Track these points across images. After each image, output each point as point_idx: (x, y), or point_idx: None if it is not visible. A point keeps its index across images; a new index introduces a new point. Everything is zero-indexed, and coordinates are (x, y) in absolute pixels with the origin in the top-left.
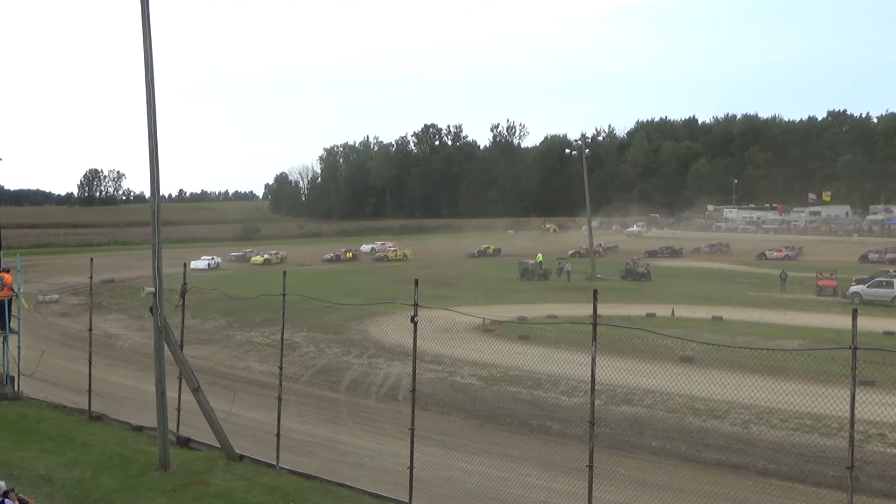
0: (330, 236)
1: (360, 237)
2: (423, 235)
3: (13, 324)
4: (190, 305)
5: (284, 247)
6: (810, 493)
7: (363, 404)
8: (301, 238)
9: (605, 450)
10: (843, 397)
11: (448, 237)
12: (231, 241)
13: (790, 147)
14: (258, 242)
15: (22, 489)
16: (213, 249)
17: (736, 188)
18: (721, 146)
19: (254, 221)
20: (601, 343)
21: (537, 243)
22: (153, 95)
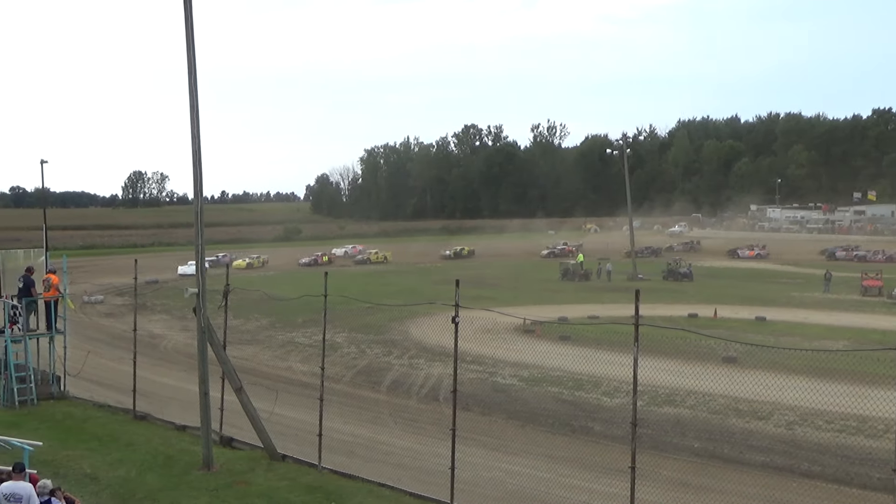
0: (371, 237)
1: (400, 238)
2: (464, 236)
3: (59, 324)
4: (232, 306)
5: (321, 248)
6: (856, 495)
7: (404, 405)
8: (342, 238)
9: (648, 451)
10: (890, 399)
11: (488, 237)
12: (273, 243)
13: (834, 145)
14: (299, 243)
15: (68, 488)
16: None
17: (779, 187)
18: (764, 145)
19: (295, 223)
20: (643, 344)
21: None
22: (196, 99)
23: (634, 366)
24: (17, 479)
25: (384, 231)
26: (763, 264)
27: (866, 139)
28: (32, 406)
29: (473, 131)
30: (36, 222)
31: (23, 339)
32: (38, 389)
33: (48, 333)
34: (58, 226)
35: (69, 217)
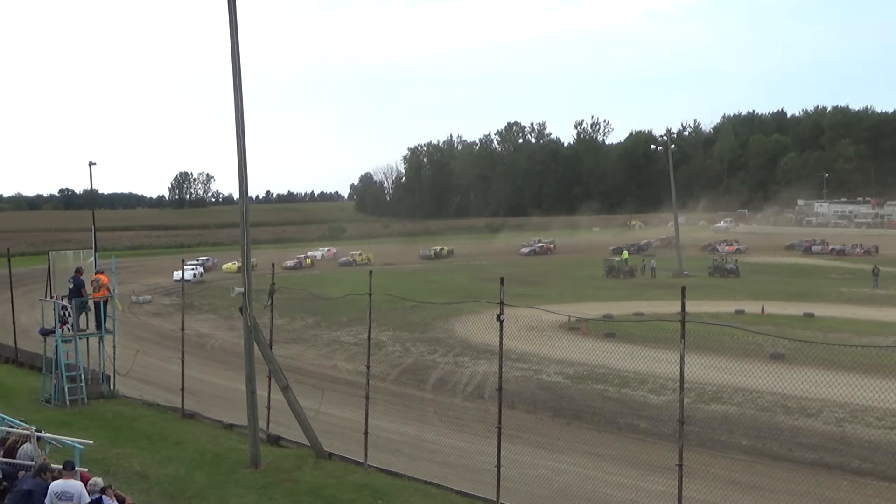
0: (415, 235)
1: (444, 236)
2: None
3: (109, 324)
4: (278, 305)
5: (365, 246)
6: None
7: (449, 403)
8: (386, 237)
9: (695, 448)
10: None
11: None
12: (317, 241)
13: (883, 139)
14: (343, 242)
15: (118, 486)
16: (302, 248)
17: (826, 182)
18: (811, 139)
19: (339, 222)
20: (689, 340)
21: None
22: (241, 100)
23: (681, 363)
24: (67, 478)
25: (427, 229)
26: (812, 259)
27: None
28: (83, 405)
29: (517, 129)
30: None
31: (73, 339)
32: (89, 389)
33: (98, 333)
34: (106, 227)
35: (117, 218)
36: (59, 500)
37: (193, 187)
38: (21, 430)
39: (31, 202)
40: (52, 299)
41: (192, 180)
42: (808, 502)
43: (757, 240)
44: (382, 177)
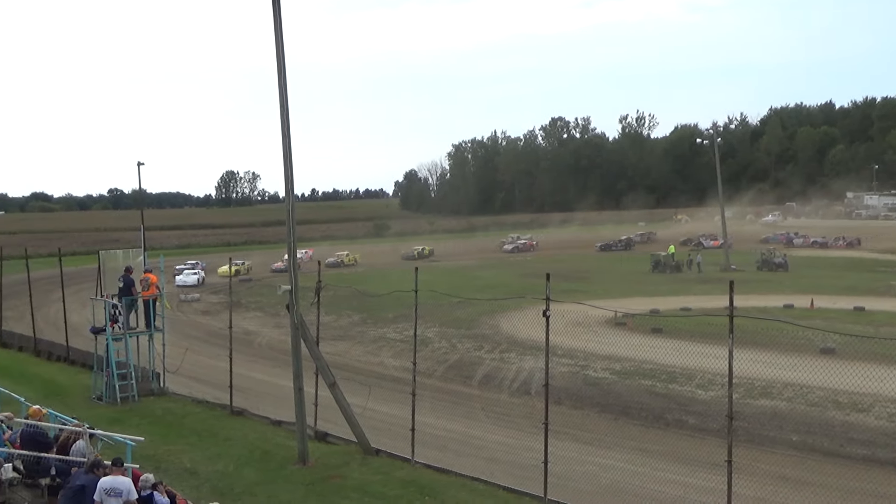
0: (459, 231)
1: (489, 232)
2: (551, 229)
3: (158, 322)
4: (324, 302)
5: (426, 242)
6: None
7: (496, 399)
8: (431, 234)
9: (744, 444)
10: None
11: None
12: (362, 239)
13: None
14: (388, 240)
15: (169, 482)
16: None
17: (876, 174)
18: (860, 131)
19: (384, 219)
20: (737, 335)
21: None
22: (286, 100)
23: (729, 358)
24: (116, 474)
25: (472, 226)
26: (860, 253)
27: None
28: (134, 402)
29: (561, 124)
30: (134, 223)
31: (123, 337)
32: (139, 386)
33: (148, 331)
34: (154, 226)
35: (165, 217)
36: (108, 497)
37: (240, 186)
38: (73, 428)
39: (82, 202)
40: (102, 298)
41: (239, 179)
42: (860, 499)
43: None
44: (427, 174)
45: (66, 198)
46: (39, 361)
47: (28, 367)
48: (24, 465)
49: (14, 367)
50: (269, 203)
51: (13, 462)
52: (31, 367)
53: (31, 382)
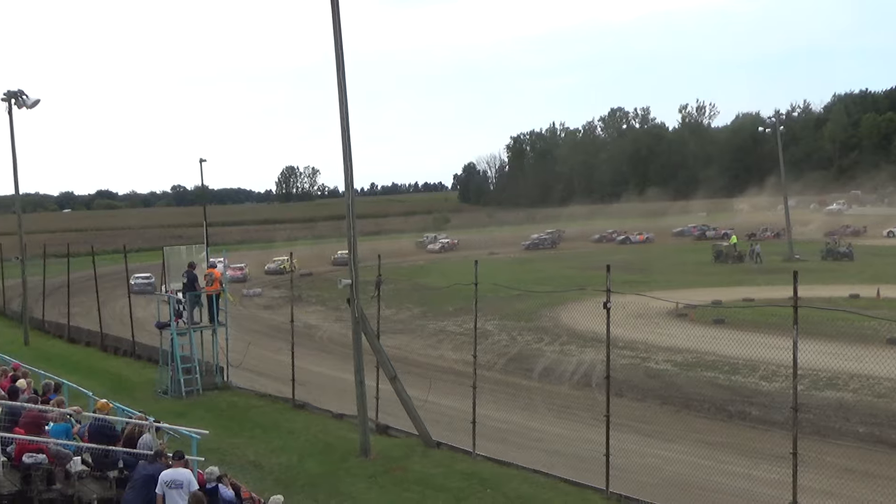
0: (518, 224)
1: (547, 224)
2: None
3: (221, 317)
4: (384, 296)
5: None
6: None
7: (556, 391)
8: (490, 226)
9: (809, 436)
10: None
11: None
12: (422, 232)
13: None
14: (450, 231)
15: (234, 474)
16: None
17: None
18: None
19: (443, 212)
20: (802, 326)
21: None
22: (345, 97)
23: (794, 348)
24: (177, 466)
25: (531, 217)
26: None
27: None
28: (198, 396)
29: (620, 114)
30: (196, 219)
31: (188, 331)
32: (203, 380)
33: (211, 326)
34: (217, 222)
35: (227, 213)
36: (169, 489)
37: (300, 181)
38: (140, 421)
39: (146, 200)
40: (166, 293)
41: (299, 174)
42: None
43: (868, 222)
44: (486, 166)
45: (130, 195)
46: (106, 356)
47: (95, 361)
48: (92, 458)
49: (82, 362)
50: (329, 198)
51: (82, 455)
52: (98, 361)
53: (98, 377)
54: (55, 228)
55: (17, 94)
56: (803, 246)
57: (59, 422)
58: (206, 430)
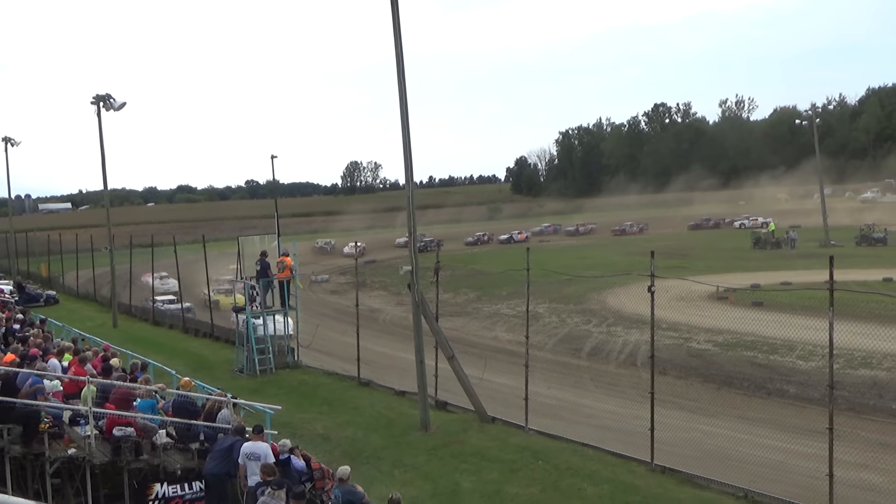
0: (568, 213)
1: (596, 213)
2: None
3: (292, 301)
4: (442, 281)
5: (521, 224)
6: None
7: (604, 370)
8: (541, 216)
9: (844, 412)
10: None
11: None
12: (476, 222)
13: None
14: (501, 222)
15: (304, 446)
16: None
17: None
18: None
19: (497, 203)
20: (837, 308)
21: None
22: (405, 96)
23: (830, 329)
24: (256, 440)
25: (579, 207)
26: None
27: None
28: (271, 374)
29: (663, 109)
30: (268, 211)
31: (261, 315)
32: (276, 360)
33: (283, 309)
34: (287, 213)
35: (296, 205)
36: (248, 460)
37: (363, 175)
38: (218, 398)
39: (222, 193)
40: (242, 280)
41: (362, 168)
42: None
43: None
44: (536, 159)
45: (208, 189)
46: (188, 338)
47: (178, 343)
48: (176, 431)
49: (166, 344)
50: (390, 190)
51: (167, 428)
52: (180, 343)
53: (180, 357)
54: (140, 221)
55: (105, 98)
56: (838, 232)
57: (146, 398)
58: (279, 405)
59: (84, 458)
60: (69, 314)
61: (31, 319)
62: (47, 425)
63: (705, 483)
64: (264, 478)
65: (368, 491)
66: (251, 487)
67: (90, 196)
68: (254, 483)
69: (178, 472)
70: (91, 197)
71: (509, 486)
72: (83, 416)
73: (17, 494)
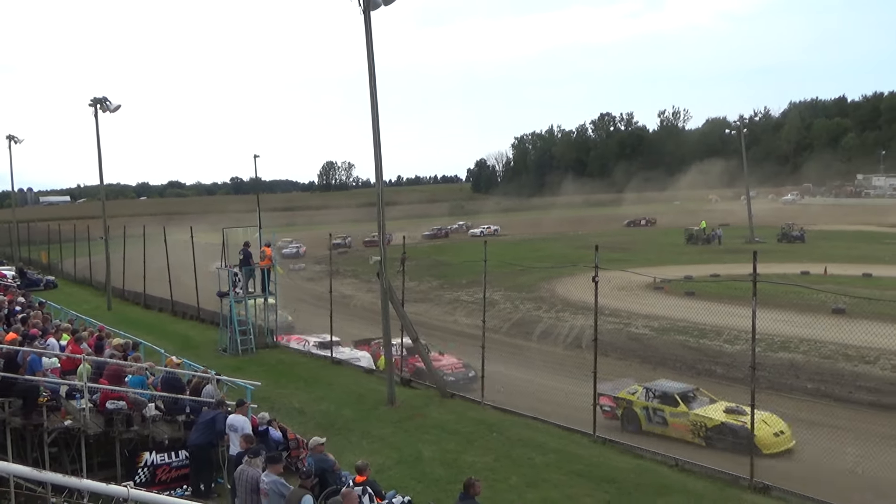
0: (523, 210)
1: (544, 211)
2: (602, 207)
3: (271, 287)
4: (408, 271)
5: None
6: None
7: (552, 351)
8: (498, 213)
9: (765, 391)
10: None
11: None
12: (440, 217)
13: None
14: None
15: (281, 419)
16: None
17: (883, 158)
18: (870, 121)
19: (458, 200)
20: (760, 298)
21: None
22: (376, 102)
23: (753, 317)
24: (237, 413)
25: (532, 206)
26: (870, 227)
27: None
28: (252, 354)
29: (608, 118)
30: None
31: (244, 299)
32: (257, 340)
33: (263, 295)
34: (267, 208)
35: (276, 201)
36: (230, 431)
37: (338, 173)
38: (203, 374)
39: (209, 189)
40: (226, 267)
41: (337, 168)
42: (867, 438)
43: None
44: (494, 162)
45: (196, 185)
46: (176, 320)
47: (167, 324)
48: (164, 404)
49: (156, 325)
50: (363, 188)
51: (155, 402)
52: (169, 324)
53: (169, 337)
54: (133, 213)
55: (102, 101)
56: (762, 230)
57: (137, 374)
58: (259, 381)
59: (79, 429)
60: (67, 298)
61: (31, 302)
62: (46, 399)
63: (641, 452)
64: (245, 447)
65: (339, 459)
66: (232, 455)
67: (87, 190)
68: (234, 452)
69: (165, 442)
70: (88, 191)
71: (466, 455)
72: (79, 391)
73: (17, 462)
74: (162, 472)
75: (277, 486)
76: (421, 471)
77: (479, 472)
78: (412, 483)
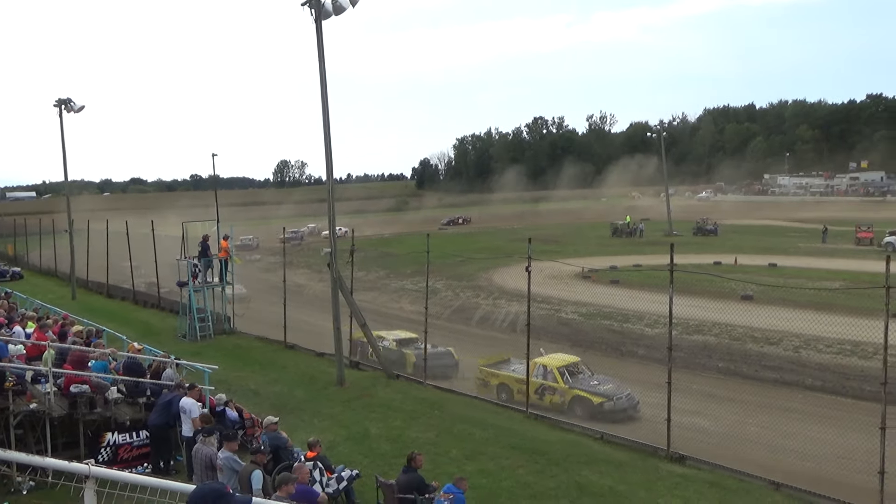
0: (463, 206)
1: (484, 206)
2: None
3: (229, 277)
4: (357, 262)
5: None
6: (850, 404)
7: (490, 336)
8: (440, 208)
9: (681, 370)
10: (878, 327)
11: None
12: (386, 212)
13: (834, 125)
14: (406, 213)
15: (237, 400)
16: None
17: (788, 160)
18: (776, 126)
19: (404, 196)
20: (677, 285)
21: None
22: (327, 104)
23: (670, 303)
24: (190, 395)
25: (472, 202)
26: (775, 221)
27: (860, 119)
28: (210, 339)
29: (541, 122)
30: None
31: (202, 288)
32: (214, 327)
33: (221, 284)
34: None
35: (234, 196)
36: (182, 413)
37: (291, 171)
38: (163, 359)
39: (169, 185)
40: (185, 259)
41: (290, 166)
42: (771, 411)
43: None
44: (437, 161)
45: (157, 182)
46: (137, 308)
47: (129, 313)
48: (125, 387)
49: (118, 313)
50: (315, 185)
51: (118, 385)
52: (131, 312)
53: (131, 324)
54: (96, 208)
55: (67, 101)
56: (679, 224)
57: (100, 360)
58: (216, 365)
59: (44, 412)
60: (32, 288)
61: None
62: (12, 384)
63: (569, 427)
64: (199, 426)
65: (292, 436)
66: (184, 436)
67: (52, 186)
68: (186, 433)
69: (127, 423)
70: (53, 187)
71: (410, 431)
72: (44, 376)
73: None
74: (124, 451)
75: (231, 462)
76: (368, 446)
77: (423, 446)
78: (360, 458)
